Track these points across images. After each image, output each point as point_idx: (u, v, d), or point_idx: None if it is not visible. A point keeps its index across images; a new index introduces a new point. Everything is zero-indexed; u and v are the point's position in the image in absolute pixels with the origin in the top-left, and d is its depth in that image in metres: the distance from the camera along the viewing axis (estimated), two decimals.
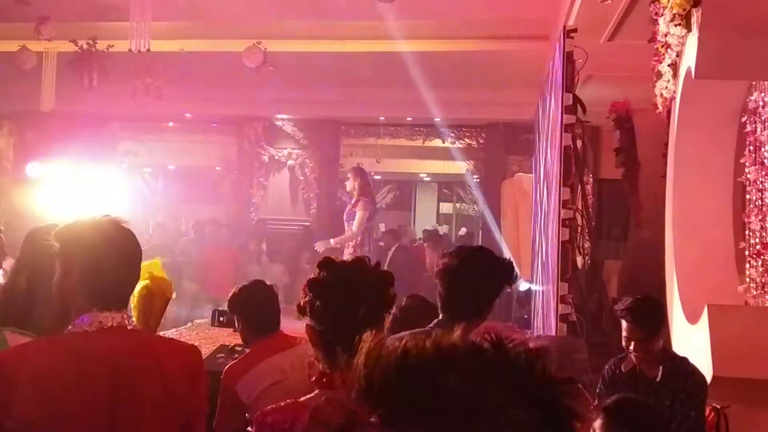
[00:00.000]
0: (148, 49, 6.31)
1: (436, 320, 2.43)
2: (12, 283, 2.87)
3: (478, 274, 2.37)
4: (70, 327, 1.71)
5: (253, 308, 2.92)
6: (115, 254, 1.74)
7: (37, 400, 1.58)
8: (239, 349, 3.44)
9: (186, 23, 7.96)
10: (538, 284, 6.57)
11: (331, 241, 7.21)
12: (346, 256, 7.25)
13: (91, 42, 8.11)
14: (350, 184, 7.33)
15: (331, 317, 1.75)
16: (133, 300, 2.34)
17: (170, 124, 12.50)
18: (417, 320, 2.63)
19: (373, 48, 8.24)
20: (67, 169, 8.95)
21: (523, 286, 7.70)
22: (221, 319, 3.09)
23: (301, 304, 1.81)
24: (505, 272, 2.42)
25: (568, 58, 4.72)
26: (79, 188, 8.44)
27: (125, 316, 1.75)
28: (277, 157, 11.54)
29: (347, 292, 1.75)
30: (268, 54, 7.86)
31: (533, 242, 7.48)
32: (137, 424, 1.67)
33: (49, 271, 1.84)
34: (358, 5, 7.08)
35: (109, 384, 1.65)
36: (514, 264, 2.54)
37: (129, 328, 1.74)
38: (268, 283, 3.15)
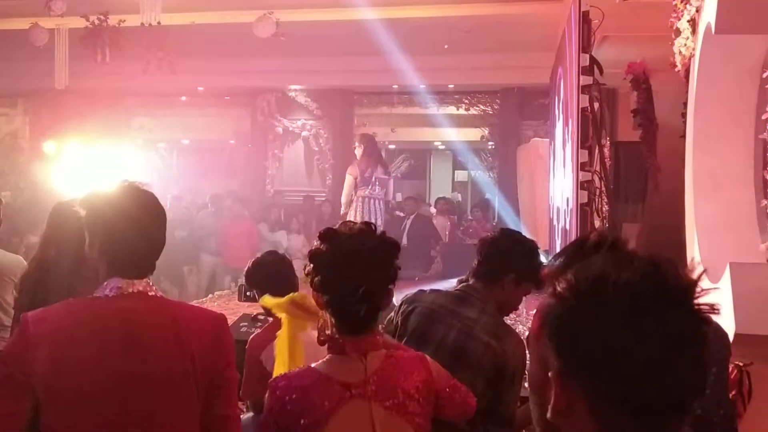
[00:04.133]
0: (159, 23, 6.28)
1: (464, 284, 2.48)
2: (41, 254, 2.93)
3: (516, 254, 2.46)
4: (96, 292, 1.74)
5: (268, 278, 2.94)
6: (131, 223, 1.74)
7: (51, 356, 1.65)
8: (262, 317, 3.47)
9: None
10: (560, 239, 6.55)
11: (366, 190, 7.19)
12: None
13: (102, 17, 8.09)
14: (358, 151, 7.34)
15: (332, 291, 1.76)
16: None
17: (183, 98, 12.49)
18: None
19: (384, 15, 8.15)
20: (83, 146, 9.00)
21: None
22: (248, 294, 3.11)
23: (305, 272, 1.82)
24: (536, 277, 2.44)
25: (584, 18, 4.64)
26: (95, 164, 8.49)
27: (148, 282, 1.76)
28: (291, 129, 11.51)
29: (347, 267, 1.74)
30: (279, 24, 7.81)
31: (550, 208, 7.45)
32: (150, 380, 1.69)
33: (75, 242, 1.87)
34: None
35: (121, 341, 1.67)
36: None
37: (150, 294, 1.75)
38: (281, 252, 3.16)
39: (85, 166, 8.37)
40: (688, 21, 3.92)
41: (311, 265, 1.78)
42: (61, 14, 7.70)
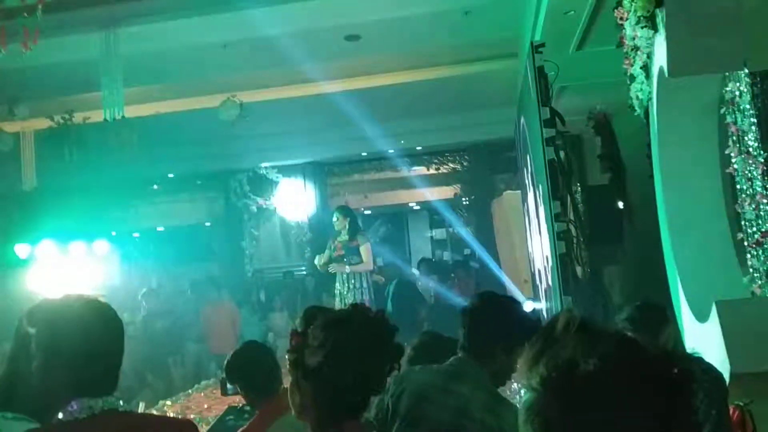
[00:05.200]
0: (123, 117, 6.30)
1: (454, 357, 2.40)
2: (9, 368, 2.82)
3: (502, 323, 2.36)
4: (60, 415, 1.65)
5: (250, 372, 2.83)
6: (94, 340, 1.64)
7: None
8: (248, 409, 3.35)
9: (158, 86, 7.98)
10: (541, 301, 6.51)
11: (347, 267, 7.17)
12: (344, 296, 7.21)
13: (67, 116, 8.11)
14: (339, 224, 7.32)
15: (324, 383, 1.64)
16: None
17: (155, 186, 12.48)
18: (434, 357, 2.58)
19: (346, 86, 8.29)
20: (56, 247, 8.88)
21: (528, 306, 7.63)
22: (229, 387, 3.00)
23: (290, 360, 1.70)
24: (529, 330, 2.36)
25: (540, 73, 4.73)
26: (71, 265, 8.37)
27: (115, 398, 1.68)
28: (265, 206, 11.51)
29: (339, 359, 1.62)
30: (243, 105, 7.89)
31: (530, 262, 7.44)
32: None
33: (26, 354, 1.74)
34: (326, 47, 7.13)
35: None
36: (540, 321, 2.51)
37: (120, 410, 1.68)
38: (271, 335, 3.08)
39: (60, 268, 8.24)
40: (641, 67, 4.01)
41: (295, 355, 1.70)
42: (24, 118, 7.71)
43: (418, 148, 11.24)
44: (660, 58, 3.58)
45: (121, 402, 1.71)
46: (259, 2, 6.08)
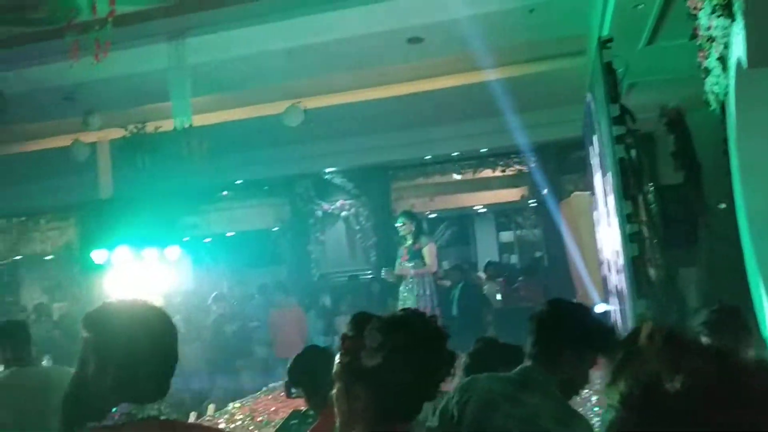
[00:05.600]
0: (191, 126, 6.45)
1: (521, 366, 2.31)
2: (79, 371, 2.90)
3: (572, 330, 2.25)
4: (105, 420, 1.65)
5: (311, 377, 2.83)
6: (148, 343, 1.65)
7: None
8: (312, 413, 3.35)
9: (224, 95, 8.14)
10: (613, 305, 6.31)
11: (411, 270, 7.14)
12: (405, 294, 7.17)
13: (140, 125, 8.38)
14: (404, 229, 7.29)
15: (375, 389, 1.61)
16: None
17: (225, 192, 12.76)
18: (490, 365, 2.50)
19: (410, 89, 8.26)
20: (131, 252, 9.16)
21: (600, 308, 7.40)
22: (292, 391, 3.02)
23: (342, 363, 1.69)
24: (600, 337, 2.25)
25: (608, 69, 4.58)
26: (145, 270, 8.61)
27: (159, 407, 1.65)
28: (330, 211, 11.59)
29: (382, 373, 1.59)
30: (307, 111, 7.96)
31: (600, 263, 7.22)
32: None
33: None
34: (388, 50, 7.12)
35: None
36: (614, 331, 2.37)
37: (161, 418, 1.64)
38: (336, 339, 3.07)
39: (135, 273, 8.50)
40: (717, 59, 3.81)
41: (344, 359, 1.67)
42: (99, 128, 7.99)
43: (483, 150, 11.09)
44: (737, 49, 3.40)
45: (162, 408, 1.66)
46: (322, 8, 6.12)
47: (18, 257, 14.90)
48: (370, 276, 10.76)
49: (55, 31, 5.55)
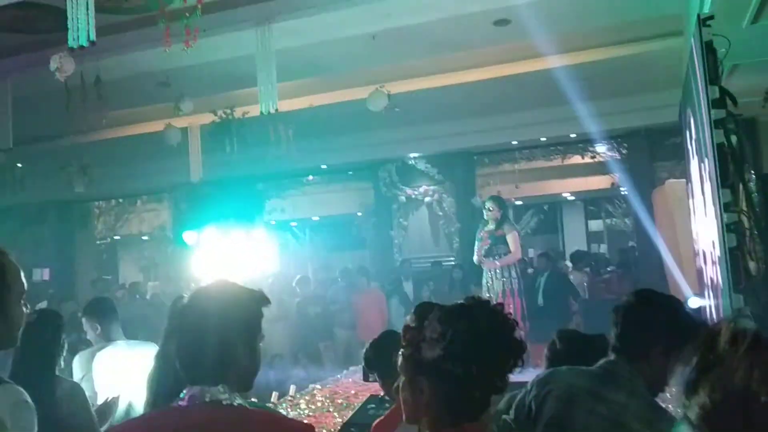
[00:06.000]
0: (277, 110, 6.54)
1: (604, 360, 2.20)
2: (162, 350, 2.99)
3: (660, 323, 2.12)
4: (176, 401, 1.67)
5: (385, 362, 2.80)
6: (200, 327, 1.65)
7: None
8: (389, 398, 3.34)
9: (310, 80, 8.22)
10: (708, 299, 5.99)
11: (497, 263, 7.06)
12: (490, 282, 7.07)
13: (228, 110, 8.59)
14: (492, 214, 7.18)
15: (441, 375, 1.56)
16: None
17: (309, 177, 12.95)
18: (573, 358, 2.40)
19: (496, 73, 8.10)
20: (220, 234, 9.43)
21: (693, 302, 7.06)
22: (369, 376, 3.02)
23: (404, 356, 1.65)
24: (690, 332, 2.10)
25: (708, 49, 4.30)
26: (233, 251, 8.83)
27: (223, 390, 1.63)
28: (413, 197, 11.56)
29: (454, 352, 1.55)
30: (391, 96, 7.94)
31: (695, 252, 6.88)
32: None
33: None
34: (474, 33, 6.98)
35: None
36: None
37: (224, 403, 1.63)
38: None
39: (223, 254, 8.73)
40: None
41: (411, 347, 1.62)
42: (189, 113, 8.23)
43: (572, 135, 10.77)
44: None
45: (226, 394, 1.65)
46: None
47: (117, 237, 15.67)
48: (453, 263, 10.67)
49: (150, 18, 5.73)
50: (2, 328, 1.95)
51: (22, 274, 1.98)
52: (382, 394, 3.93)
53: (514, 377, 1.65)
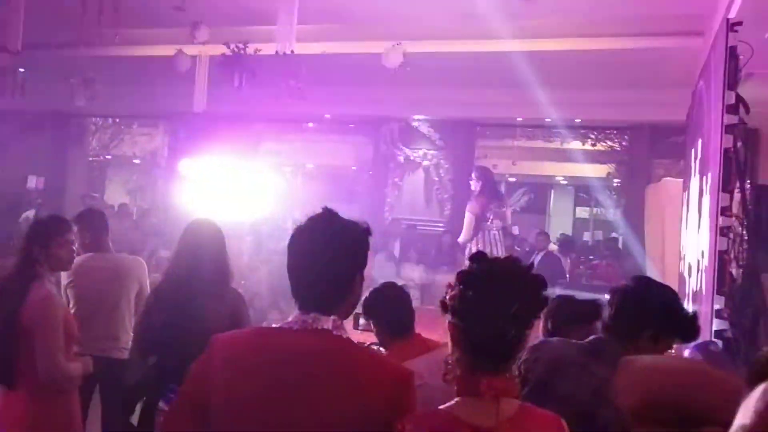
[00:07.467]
0: (292, 51, 6.50)
1: (594, 336, 2.31)
2: (173, 269, 3.07)
3: (655, 308, 2.24)
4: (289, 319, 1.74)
5: (385, 311, 2.90)
6: (311, 256, 1.73)
7: (227, 381, 1.67)
8: (375, 347, 3.44)
9: (328, 26, 8.15)
10: (688, 298, 6.15)
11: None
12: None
13: (241, 45, 8.49)
14: (475, 185, 7.26)
15: (480, 312, 1.64)
16: None
17: (310, 124, 12.90)
18: (568, 322, 2.52)
19: (513, 47, 8.06)
20: (215, 167, 9.43)
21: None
22: (361, 322, 3.13)
23: (447, 298, 1.71)
24: (681, 323, 2.21)
25: (732, 54, 4.35)
26: (226, 185, 8.85)
27: (335, 320, 1.70)
28: (412, 158, 11.58)
29: (502, 287, 1.64)
30: (406, 55, 7.90)
31: (680, 258, 7.01)
32: (314, 427, 1.64)
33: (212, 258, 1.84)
34: (500, 5, 6.95)
35: (296, 383, 1.65)
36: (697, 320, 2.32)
37: (335, 333, 1.70)
38: (400, 284, 3.15)
39: (216, 186, 8.74)
40: None
41: (460, 287, 1.68)
42: (203, 42, 8.15)
43: (577, 120, 10.80)
44: None
45: (338, 324, 1.75)
46: None
47: (108, 157, 15.56)
48: (442, 229, 10.76)
49: None
50: None
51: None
52: (367, 343, 4.04)
53: None
